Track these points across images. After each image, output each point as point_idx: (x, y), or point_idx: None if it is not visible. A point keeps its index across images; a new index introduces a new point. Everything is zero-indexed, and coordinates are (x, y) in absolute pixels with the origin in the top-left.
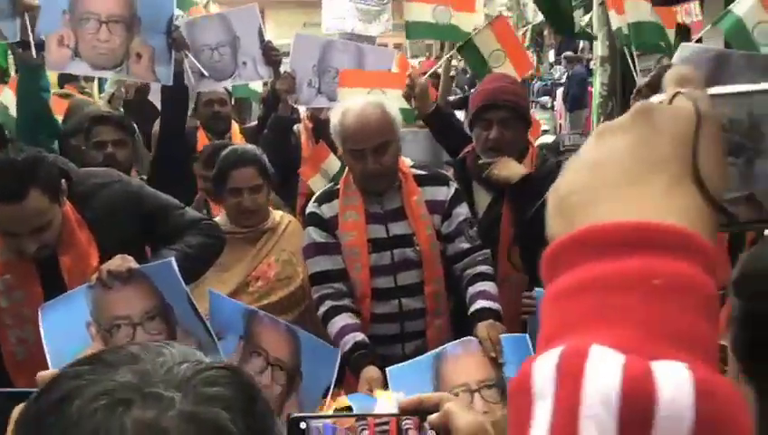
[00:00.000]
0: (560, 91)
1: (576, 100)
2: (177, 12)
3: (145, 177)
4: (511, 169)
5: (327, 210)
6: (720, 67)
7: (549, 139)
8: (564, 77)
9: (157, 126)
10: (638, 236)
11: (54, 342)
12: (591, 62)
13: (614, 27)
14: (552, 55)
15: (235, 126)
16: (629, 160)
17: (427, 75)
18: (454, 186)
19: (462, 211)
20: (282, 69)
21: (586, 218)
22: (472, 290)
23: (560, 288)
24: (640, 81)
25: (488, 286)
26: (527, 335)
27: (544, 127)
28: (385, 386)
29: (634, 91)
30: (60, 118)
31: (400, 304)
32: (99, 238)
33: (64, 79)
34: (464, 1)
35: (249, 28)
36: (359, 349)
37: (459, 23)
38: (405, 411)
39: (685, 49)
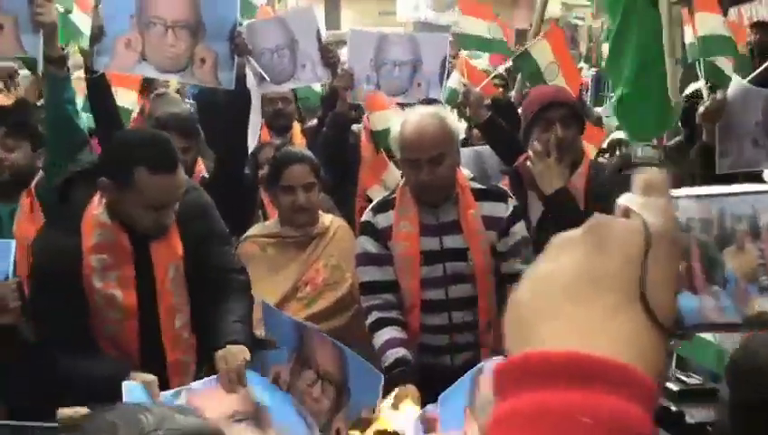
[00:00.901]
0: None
1: None
2: (240, 18)
3: (206, 175)
4: (550, 179)
5: (382, 220)
6: None
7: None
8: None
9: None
10: (579, 369)
11: None
12: None
13: (687, 42)
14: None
15: (296, 126)
16: (576, 277)
17: (483, 83)
18: (512, 203)
19: (519, 230)
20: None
21: (531, 336)
22: None
23: (500, 416)
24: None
25: None
26: None
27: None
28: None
29: (697, 115)
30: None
31: (450, 317)
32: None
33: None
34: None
35: (307, 30)
36: (399, 365)
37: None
38: None
39: (735, 85)
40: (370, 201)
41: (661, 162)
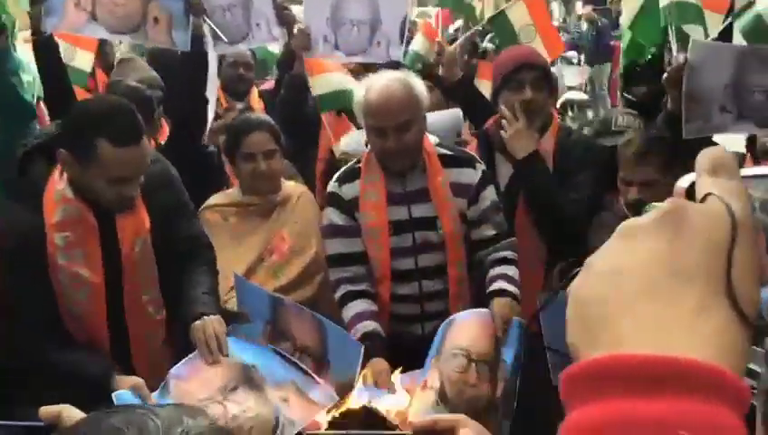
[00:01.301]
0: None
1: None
2: None
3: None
4: (519, 143)
5: (348, 190)
6: (741, 65)
7: (576, 95)
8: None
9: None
10: (667, 373)
11: None
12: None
13: (661, 6)
14: (579, 7)
15: (253, 90)
16: (655, 271)
17: (457, 43)
18: (481, 168)
19: (489, 195)
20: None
21: (604, 335)
22: (493, 272)
23: (579, 425)
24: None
25: (510, 271)
26: (524, 322)
27: (569, 84)
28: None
29: (663, 77)
30: None
31: (420, 286)
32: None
33: None
34: None
35: None
36: (368, 339)
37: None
38: (417, 434)
39: (696, 46)
40: (332, 161)
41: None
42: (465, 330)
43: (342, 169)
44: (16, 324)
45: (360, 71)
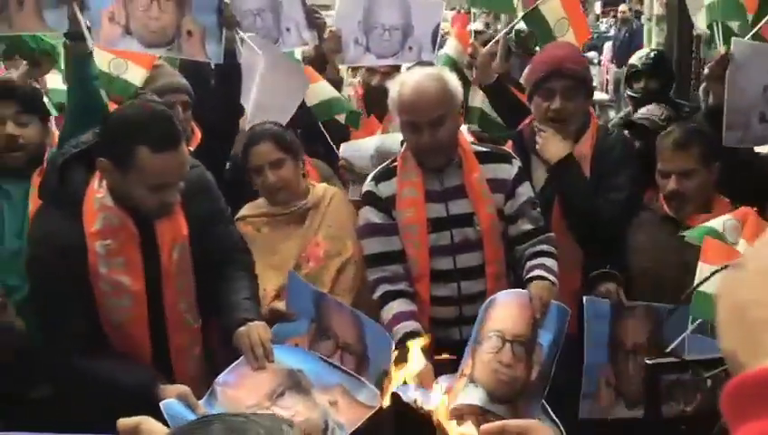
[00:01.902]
0: (606, 46)
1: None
2: None
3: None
4: (553, 148)
5: (384, 189)
6: None
7: (597, 95)
8: (612, 30)
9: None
10: None
11: None
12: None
13: (705, 4)
14: (598, 7)
15: None
16: None
17: (490, 45)
18: (517, 164)
19: (525, 191)
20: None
21: None
22: (530, 263)
23: None
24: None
25: (548, 262)
26: (570, 311)
27: None
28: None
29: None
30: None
31: (459, 287)
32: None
33: None
34: None
35: None
36: (410, 338)
37: None
38: None
39: (738, 44)
40: None
41: (662, 121)
42: (502, 311)
43: (379, 168)
44: (57, 336)
45: (393, 73)
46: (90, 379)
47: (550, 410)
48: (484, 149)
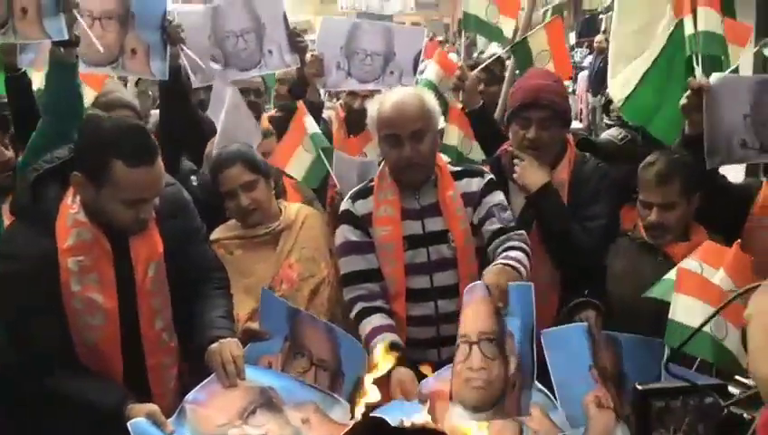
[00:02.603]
0: (581, 75)
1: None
2: (171, 7)
3: None
4: (531, 177)
5: (361, 207)
6: (759, 95)
7: (575, 125)
8: (586, 61)
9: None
10: None
11: None
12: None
13: (687, 33)
14: (572, 37)
15: (263, 117)
16: None
17: (477, 70)
18: (488, 177)
19: (493, 199)
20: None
21: None
22: (496, 260)
23: None
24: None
25: (513, 253)
26: (532, 285)
27: None
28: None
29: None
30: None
31: (436, 306)
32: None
33: None
34: (508, 6)
35: (274, 13)
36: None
37: (502, 25)
38: None
39: (718, 79)
40: None
41: (620, 141)
42: (465, 312)
43: (355, 189)
44: (27, 353)
45: (374, 95)
46: (59, 397)
47: (540, 386)
48: (459, 168)
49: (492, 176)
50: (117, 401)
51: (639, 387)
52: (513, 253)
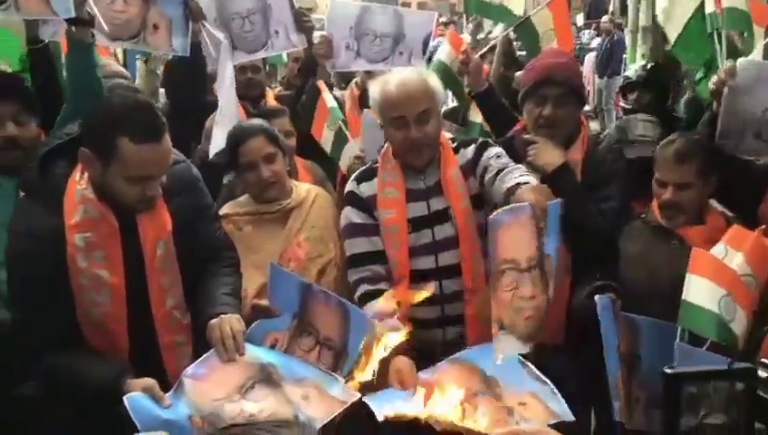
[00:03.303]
0: (589, 57)
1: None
2: None
3: None
4: (548, 157)
5: (366, 189)
6: None
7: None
8: (594, 42)
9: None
10: None
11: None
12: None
13: (707, 12)
14: (580, 19)
15: (269, 93)
16: None
17: (482, 52)
18: (481, 140)
19: (488, 154)
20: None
21: None
22: (507, 184)
23: None
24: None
25: (529, 178)
26: (558, 202)
27: None
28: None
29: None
30: None
31: (441, 286)
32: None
33: None
34: None
35: None
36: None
37: (510, 4)
38: None
39: (744, 63)
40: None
41: (658, 141)
42: (509, 236)
43: (360, 169)
44: (30, 330)
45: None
46: (60, 373)
47: (536, 369)
48: (455, 143)
49: (484, 139)
50: (114, 376)
51: (668, 371)
52: (524, 177)
